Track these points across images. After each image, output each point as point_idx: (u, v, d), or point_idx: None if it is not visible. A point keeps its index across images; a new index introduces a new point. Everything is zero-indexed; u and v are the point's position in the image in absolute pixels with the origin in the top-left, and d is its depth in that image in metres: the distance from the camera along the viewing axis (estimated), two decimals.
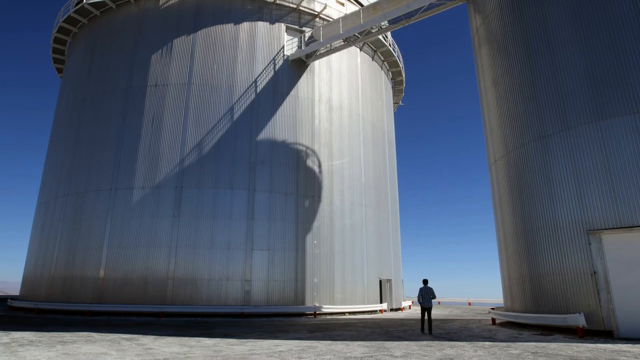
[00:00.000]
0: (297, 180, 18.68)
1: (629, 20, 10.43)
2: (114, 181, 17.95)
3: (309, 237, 18.26)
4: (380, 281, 20.98)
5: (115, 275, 16.80)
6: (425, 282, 11.14)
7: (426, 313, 10.84)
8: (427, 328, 10.96)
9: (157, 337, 9.74)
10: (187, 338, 9.57)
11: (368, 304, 19.45)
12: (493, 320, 13.87)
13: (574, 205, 10.54)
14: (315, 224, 18.59)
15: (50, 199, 20.04)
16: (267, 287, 17.01)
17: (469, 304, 30.59)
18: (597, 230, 10.00)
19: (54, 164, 20.81)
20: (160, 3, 20.21)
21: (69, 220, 18.47)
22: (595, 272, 9.86)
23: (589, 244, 10.08)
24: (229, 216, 17.31)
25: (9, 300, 20.93)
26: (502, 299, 14.50)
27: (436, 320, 15.20)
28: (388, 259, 22.10)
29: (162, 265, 16.60)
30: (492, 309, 14.66)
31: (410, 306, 24.60)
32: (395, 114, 28.94)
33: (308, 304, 17.49)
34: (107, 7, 21.23)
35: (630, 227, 9.50)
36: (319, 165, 19.44)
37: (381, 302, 20.62)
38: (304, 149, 19.23)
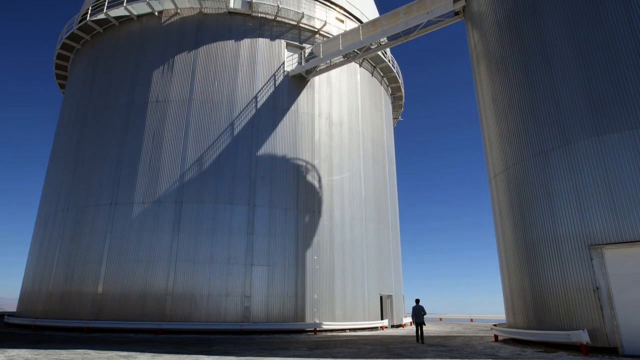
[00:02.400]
0: (297, 195, 18.66)
1: (623, 35, 10.57)
2: (114, 196, 17.93)
3: (309, 253, 18.16)
4: (381, 297, 20.79)
5: (113, 291, 16.64)
6: (417, 301, 13.16)
7: (419, 327, 12.88)
8: (421, 339, 12.82)
9: (155, 354, 9.61)
10: (185, 356, 9.44)
11: (369, 320, 19.23)
12: (495, 337, 13.69)
13: (575, 220, 10.52)
14: (315, 239, 18.51)
15: (49, 213, 19.99)
16: (267, 303, 16.84)
17: (471, 320, 30.25)
18: (599, 245, 9.95)
19: (55, 179, 20.82)
20: (162, 21, 20.49)
21: (68, 235, 18.39)
22: (598, 288, 9.77)
23: (591, 258, 10.03)
24: (229, 231, 17.24)
25: (5, 316, 20.70)
26: (504, 315, 14.34)
27: (438, 337, 15.00)
28: (389, 274, 21.94)
29: (161, 281, 16.46)
30: (495, 325, 14.49)
31: (411, 323, 24.32)
32: (394, 128, 29.08)
33: (308, 320, 17.29)
34: (110, 24, 21.52)
35: (632, 241, 9.46)
36: (319, 181, 19.45)
37: (382, 319, 20.39)
38: (304, 164, 19.26)
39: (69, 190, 19.40)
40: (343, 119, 21.37)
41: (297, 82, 20.41)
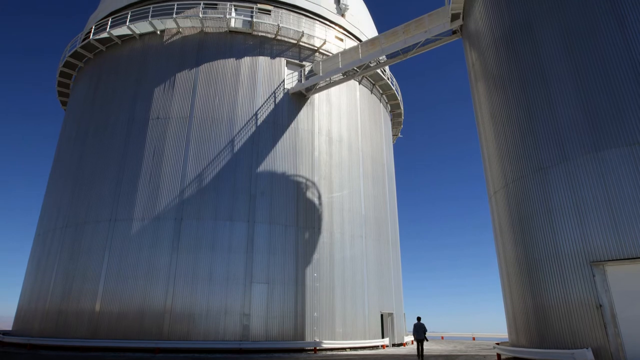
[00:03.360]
0: (296, 212, 18.62)
1: (618, 53, 10.70)
2: (114, 212, 17.88)
3: (308, 270, 18.02)
4: (382, 315, 20.54)
5: (111, 309, 16.44)
6: (418, 319, 13.46)
7: (420, 344, 13.29)
8: (421, 357, 13.15)
9: None
10: None
11: (369, 339, 18.96)
12: (498, 356, 13.49)
13: (575, 237, 10.47)
14: (315, 256, 18.39)
15: (48, 230, 19.90)
16: (266, 321, 16.63)
17: (473, 338, 29.83)
18: (600, 261, 9.88)
19: (54, 196, 20.80)
20: (164, 39, 20.78)
21: (67, 252, 18.27)
22: (601, 305, 9.67)
23: (593, 275, 9.94)
24: (228, 248, 17.14)
25: (0, 335, 20.42)
26: (506, 333, 14.16)
27: (440, 356, 14.77)
28: (389, 292, 21.72)
29: (160, 299, 16.28)
30: (497, 344, 14.29)
31: (412, 341, 23.97)
32: (394, 145, 29.21)
33: (308, 339, 17.04)
34: (112, 43, 21.81)
35: (634, 258, 9.40)
36: (319, 197, 19.43)
37: (383, 337, 20.11)
38: (303, 181, 19.27)
39: (68, 206, 19.35)
40: (343, 136, 21.48)
41: (297, 100, 20.58)
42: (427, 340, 13.69)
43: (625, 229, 9.65)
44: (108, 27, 21.57)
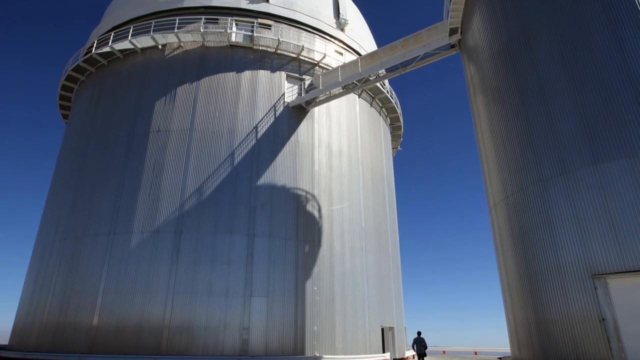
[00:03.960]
0: (296, 225, 18.57)
1: (615, 66, 10.81)
2: (113, 225, 17.83)
3: (308, 283, 17.90)
4: (383, 329, 20.34)
5: (109, 323, 16.28)
6: (419, 333, 13.96)
7: (421, 359, 13.87)
8: None
9: None
10: None
11: (370, 353, 18.74)
12: None
13: (576, 249, 10.43)
14: (315, 269, 18.29)
15: (47, 243, 19.82)
16: (266, 335, 16.46)
17: (475, 353, 29.53)
18: (602, 274, 9.83)
19: (54, 209, 20.76)
20: (166, 53, 20.98)
21: (65, 265, 18.17)
22: (603, 319, 9.58)
23: (595, 288, 9.88)
24: (228, 261, 17.05)
25: None
26: (509, 347, 14.01)
27: None
28: (390, 305, 21.55)
29: (158, 313, 16.13)
30: (500, 358, 14.13)
31: (414, 356, 23.68)
32: (394, 158, 29.28)
33: (308, 353, 16.84)
34: (114, 57, 22.02)
35: (636, 271, 9.35)
36: (319, 210, 19.40)
37: (384, 352, 19.88)
38: (303, 193, 19.27)
39: (67, 219, 19.30)
40: (343, 149, 21.54)
41: (297, 113, 20.69)
42: (425, 355, 13.61)
43: (626, 241, 9.62)
44: (110, 41, 21.80)
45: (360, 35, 26.71)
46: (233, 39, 20.97)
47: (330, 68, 22.17)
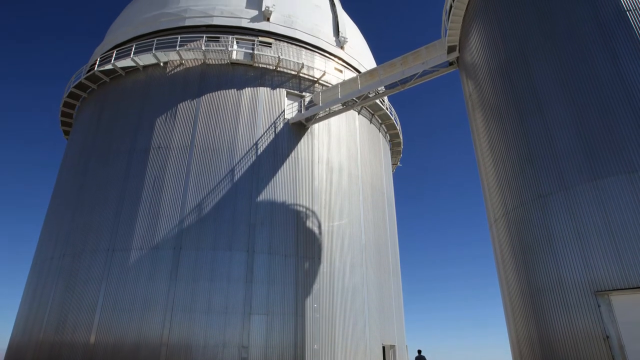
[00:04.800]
0: (296, 241, 18.49)
1: (612, 83, 10.93)
2: (112, 242, 17.74)
3: (308, 301, 17.72)
4: (384, 347, 20.05)
5: (106, 341, 16.05)
6: (419, 352, 13.93)
7: None
8: None
9: None
10: None
11: None
12: None
13: (578, 265, 10.37)
14: (315, 286, 18.13)
15: (45, 259, 19.68)
16: (265, 354, 16.21)
17: None
18: (605, 291, 9.75)
19: (53, 225, 20.68)
20: (167, 71, 21.21)
21: (63, 282, 18.01)
22: (608, 337, 9.47)
23: (598, 305, 9.78)
24: (227, 279, 16.92)
25: None
26: None
27: None
28: (391, 323, 21.29)
29: (156, 331, 15.92)
30: None
31: None
32: (394, 174, 29.33)
33: None
34: (116, 74, 22.25)
35: (639, 287, 9.28)
36: (319, 226, 19.34)
37: None
38: (303, 209, 19.24)
39: (66, 236, 19.22)
40: (342, 165, 21.59)
41: (297, 130, 20.81)
42: None
43: (628, 257, 9.57)
44: (113, 58, 22.05)
45: (359, 52, 27.06)
46: (234, 56, 21.24)
47: (330, 85, 22.39)
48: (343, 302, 18.65)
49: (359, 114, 24.09)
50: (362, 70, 25.55)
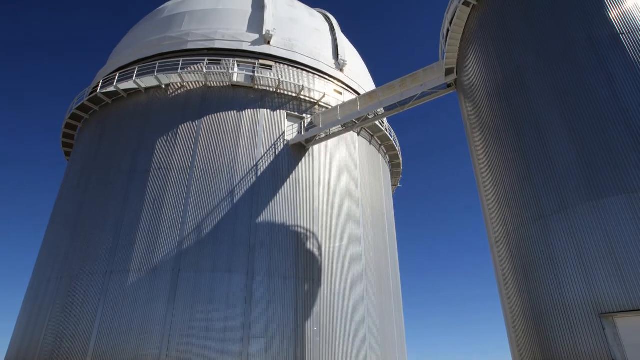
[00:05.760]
0: (296, 263, 18.32)
1: (608, 104, 11.04)
2: (110, 264, 17.57)
3: (308, 324, 17.43)
4: None
5: None
6: None
7: None
8: None
9: None
10: None
11: None
12: None
13: (581, 287, 10.24)
14: (315, 309, 17.86)
15: (42, 281, 19.45)
16: None
17: None
18: (609, 313, 9.60)
19: (51, 246, 20.53)
20: (169, 93, 21.46)
21: (59, 304, 17.74)
22: None
23: (603, 328, 9.62)
24: (226, 301, 16.68)
25: None
26: None
27: None
28: (392, 348, 20.88)
29: (154, 354, 15.60)
30: None
31: None
32: (393, 195, 29.31)
33: None
34: (118, 96, 22.49)
35: None
36: (319, 248, 19.20)
37: None
38: (303, 231, 19.13)
39: (64, 257, 19.05)
40: (342, 187, 21.60)
41: (297, 151, 20.90)
42: None
43: (631, 278, 9.46)
44: (115, 81, 22.33)
45: (358, 75, 27.43)
46: (235, 79, 21.52)
47: (330, 107, 22.60)
48: (344, 325, 18.34)
49: (358, 135, 24.25)
50: (362, 92, 25.85)
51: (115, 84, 22.06)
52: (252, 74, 21.82)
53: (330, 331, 17.82)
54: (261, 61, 22.73)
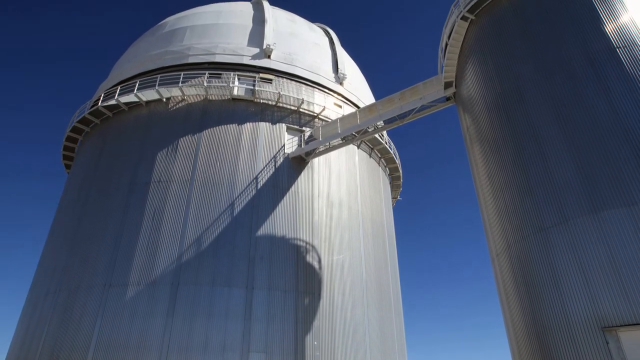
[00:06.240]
0: (296, 276, 18.19)
1: (606, 116, 11.10)
2: (109, 277, 17.44)
3: (308, 338, 17.24)
4: None
5: None
6: None
7: None
8: None
9: None
10: None
11: None
12: None
13: (584, 301, 10.16)
14: (315, 323, 17.69)
15: (40, 295, 19.29)
16: None
17: None
18: (613, 327, 9.50)
19: (49, 260, 20.41)
20: (170, 106, 21.58)
21: (57, 318, 17.56)
22: None
23: (607, 342, 9.51)
24: (225, 315, 16.52)
25: None
26: None
27: None
28: None
29: None
30: None
31: None
32: (394, 208, 29.25)
33: None
34: (120, 109, 22.61)
35: None
36: (319, 261, 19.09)
37: None
38: (303, 244, 19.05)
39: (63, 271, 18.92)
40: (342, 199, 21.57)
41: (297, 164, 20.93)
42: None
43: (634, 291, 9.39)
44: (117, 94, 22.47)
45: (358, 88, 27.62)
46: (235, 92, 21.65)
47: (330, 120, 22.71)
48: (344, 340, 18.13)
49: (358, 148, 24.31)
50: (361, 105, 25.99)
51: (116, 97, 22.19)
52: (252, 87, 21.97)
53: (331, 346, 17.62)
54: (261, 75, 22.91)
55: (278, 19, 26.71)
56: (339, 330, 18.18)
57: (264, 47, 23.65)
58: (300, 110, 22.45)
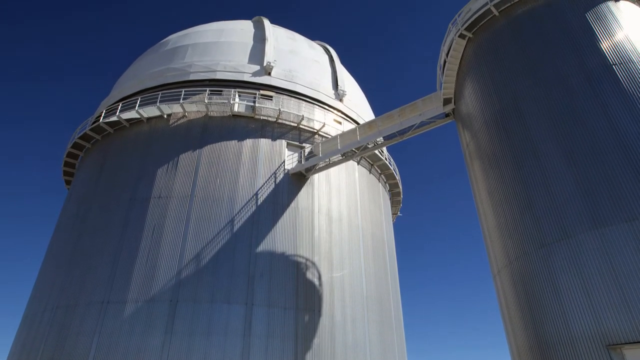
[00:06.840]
0: (296, 293, 18.02)
1: (604, 132, 11.15)
2: (107, 294, 17.27)
3: (308, 356, 16.98)
4: None
5: None
6: None
7: None
8: None
9: None
10: None
11: None
12: None
13: (587, 318, 10.04)
14: (316, 340, 17.44)
15: (37, 312, 19.07)
16: None
17: None
18: (617, 344, 9.37)
19: (48, 276, 20.24)
20: (170, 122, 21.71)
21: (54, 336, 17.32)
22: None
23: None
24: (225, 333, 16.31)
25: None
26: None
27: None
28: None
29: None
30: None
31: None
32: (394, 224, 29.15)
33: None
34: (121, 125, 22.74)
35: None
36: (319, 278, 18.94)
37: None
38: (303, 260, 18.93)
39: (61, 287, 18.74)
40: (342, 215, 21.52)
41: (297, 180, 20.95)
42: None
43: (638, 308, 9.29)
44: (118, 111, 22.63)
45: (358, 105, 27.83)
46: (236, 109, 21.81)
47: (330, 136, 22.82)
48: (344, 358, 17.84)
49: (358, 164, 24.37)
50: (361, 121, 26.15)
51: (117, 113, 22.35)
52: (252, 104, 22.14)
53: None
54: (262, 92, 23.11)
55: (278, 37, 27.08)
56: (339, 348, 17.91)
57: (265, 64, 23.93)
58: (301, 126, 22.58)
